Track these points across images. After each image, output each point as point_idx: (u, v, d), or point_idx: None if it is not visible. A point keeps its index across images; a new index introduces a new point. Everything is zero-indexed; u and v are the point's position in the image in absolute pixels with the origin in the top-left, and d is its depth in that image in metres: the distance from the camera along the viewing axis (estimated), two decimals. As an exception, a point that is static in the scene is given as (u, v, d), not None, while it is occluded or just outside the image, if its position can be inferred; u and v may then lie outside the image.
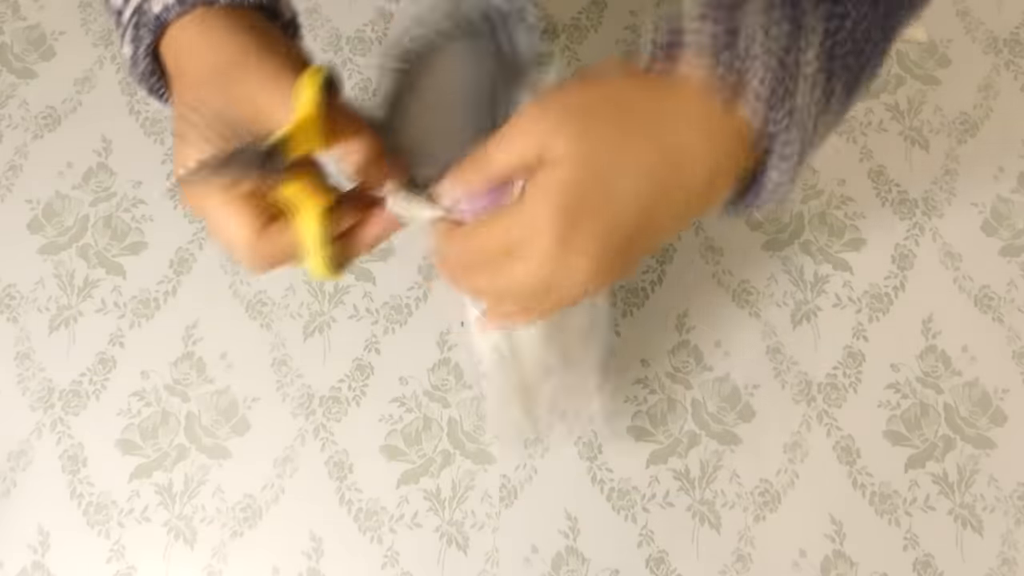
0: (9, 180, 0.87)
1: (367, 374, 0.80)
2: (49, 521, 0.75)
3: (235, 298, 0.82)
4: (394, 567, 0.74)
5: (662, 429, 0.78)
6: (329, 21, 0.92)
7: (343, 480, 0.76)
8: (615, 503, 0.76)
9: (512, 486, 0.76)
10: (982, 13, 0.93)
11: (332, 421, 0.78)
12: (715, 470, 0.77)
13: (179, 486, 0.76)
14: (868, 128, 0.89)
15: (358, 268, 0.83)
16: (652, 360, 0.80)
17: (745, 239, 0.84)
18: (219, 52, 0.38)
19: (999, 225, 0.85)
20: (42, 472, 0.77)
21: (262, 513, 0.76)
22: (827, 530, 0.75)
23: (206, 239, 0.84)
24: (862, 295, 0.82)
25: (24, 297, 0.82)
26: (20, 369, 0.80)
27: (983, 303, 0.82)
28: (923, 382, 0.79)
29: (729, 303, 0.82)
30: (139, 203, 0.86)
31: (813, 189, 0.86)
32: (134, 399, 0.79)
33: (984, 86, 0.90)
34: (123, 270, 0.83)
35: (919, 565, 0.74)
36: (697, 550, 0.75)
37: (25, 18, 0.93)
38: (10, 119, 0.89)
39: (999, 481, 0.76)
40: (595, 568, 0.74)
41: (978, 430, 0.78)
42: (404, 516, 0.75)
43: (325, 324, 0.81)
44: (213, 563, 0.74)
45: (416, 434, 0.78)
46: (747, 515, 0.75)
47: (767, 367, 0.80)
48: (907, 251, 0.84)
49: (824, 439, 0.78)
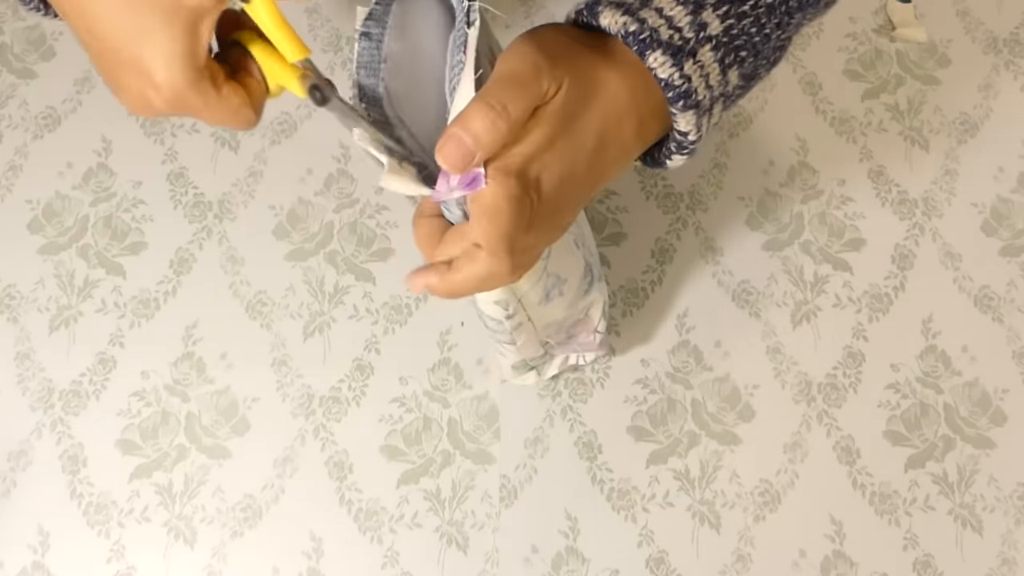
0: (9, 180, 0.87)
1: (367, 374, 0.80)
2: (49, 521, 0.76)
3: (235, 298, 0.82)
4: (394, 567, 0.74)
5: (662, 429, 0.78)
6: (329, 21, 0.92)
7: (343, 480, 0.76)
8: (615, 503, 0.76)
9: (512, 486, 0.76)
10: (982, 13, 0.93)
11: (332, 421, 0.78)
12: (715, 470, 0.77)
13: (179, 486, 0.76)
14: (868, 128, 0.89)
15: (358, 268, 0.83)
16: (652, 360, 0.80)
17: (745, 239, 0.84)
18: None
19: (999, 225, 0.85)
20: (42, 472, 0.77)
21: (262, 513, 0.76)
22: (827, 530, 0.75)
23: (206, 239, 0.84)
24: (862, 295, 0.82)
25: (24, 297, 0.82)
26: (20, 369, 0.80)
27: (983, 303, 0.82)
28: (923, 382, 0.79)
29: (729, 303, 0.82)
30: (139, 203, 0.86)
31: (813, 189, 0.86)
32: (134, 399, 0.79)
33: (984, 86, 0.90)
34: (123, 270, 0.83)
35: (919, 565, 0.74)
36: (697, 550, 0.75)
37: (25, 18, 0.93)
38: (10, 119, 0.89)
39: (999, 481, 0.76)
40: (595, 568, 0.74)
41: (978, 430, 0.78)
42: (404, 516, 0.75)
43: (325, 324, 0.81)
44: (213, 563, 0.74)
45: (416, 434, 0.78)
46: (747, 515, 0.75)
47: (767, 367, 0.80)
48: (907, 251, 0.84)
49: (824, 439, 0.78)
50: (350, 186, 0.86)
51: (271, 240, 0.84)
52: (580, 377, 0.79)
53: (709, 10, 0.41)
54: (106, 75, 0.43)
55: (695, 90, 0.41)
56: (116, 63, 0.41)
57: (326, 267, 0.83)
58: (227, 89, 0.42)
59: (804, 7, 0.45)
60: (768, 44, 0.44)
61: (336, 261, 0.83)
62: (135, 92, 0.42)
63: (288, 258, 0.84)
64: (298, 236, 0.84)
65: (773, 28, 0.43)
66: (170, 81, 0.40)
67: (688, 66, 0.40)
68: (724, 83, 0.42)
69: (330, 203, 0.85)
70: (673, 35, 0.40)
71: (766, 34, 0.43)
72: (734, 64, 0.42)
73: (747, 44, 0.42)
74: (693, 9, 0.41)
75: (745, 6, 0.42)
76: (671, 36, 0.40)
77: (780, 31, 0.44)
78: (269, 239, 0.84)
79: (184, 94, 0.41)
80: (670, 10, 0.41)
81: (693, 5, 0.41)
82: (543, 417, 0.78)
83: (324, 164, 0.87)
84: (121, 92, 0.43)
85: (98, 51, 0.41)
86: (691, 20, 0.41)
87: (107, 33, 0.40)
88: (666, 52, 0.40)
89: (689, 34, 0.41)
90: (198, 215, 0.85)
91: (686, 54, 0.40)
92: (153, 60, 0.39)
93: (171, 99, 0.41)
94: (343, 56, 0.91)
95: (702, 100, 0.41)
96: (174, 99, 0.41)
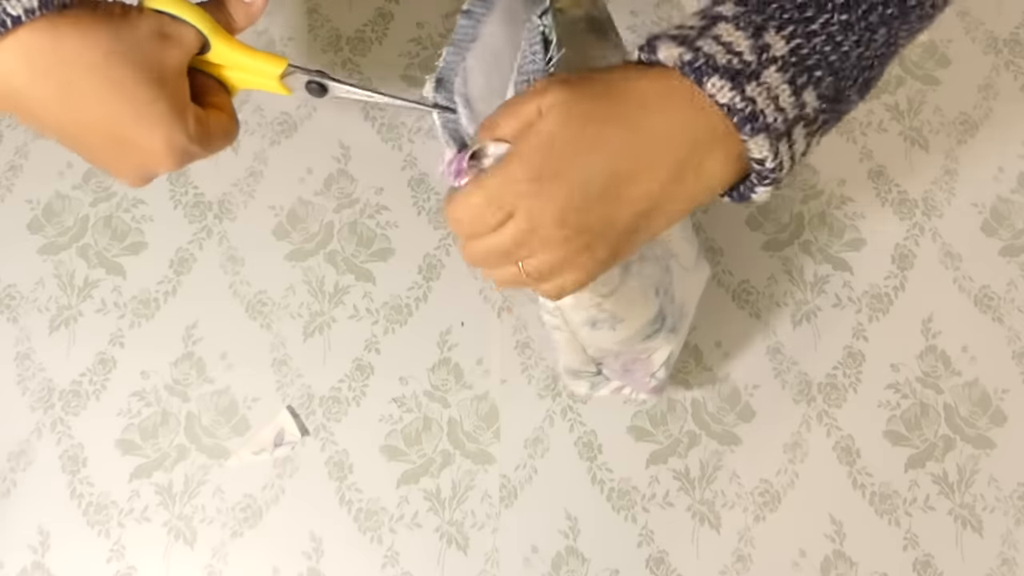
0: (9, 180, 0.87)
1: (367, 374, 0.80)
2: (49, 521, 0.76)
3: (235, 298, 0.82)
4: (394, 567, 0.74)
5: (662, 429, 0.78)
6: (329, 21, 0.92)
7: (343, 480, 0.76)
8: (615, 503, 0.76)
9: (512, 486, 0.76)
10: (982, 13, 0.93)
11: (332, 421, 0.78)
12: (715, 470, 0.77)
13: (179, 486, 0.76)
14: (868, 128, 0.89)
15: (358, 268, 0.83)
16: (652, 360, 0.80)
17: (745, 239, 0.84)
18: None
19: (999, 225, 0.85)
20: (42, 472, 0.77)
21: (262, 513, 0.76)
22: (827, 530, 0.75)
23: (206, 239, 0.84)
24: (862, 295, 0.82)
25: (24, 297, 0.82)
26: (20, 369, 0.80)
27: (983, 303, 0.82)
28: (923, 382, 0.79)
29: (729, 303, 0.82)
30: (139, 203, 0.86)
31: (813, 189, 0.86)
32: (134, 399, 0.79)
33: (984, 86, 0.90)
34: (123, 270, 0.83)
35: (919, 565, 0.74)
36: (697, 550, 0.75)
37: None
38: (10, 119, 0.89)
39: (999, 481, 0.76)
40: (595, 568, 0.74)
41: (978, 430, 0.78)
42: (404, 516, 0.75)
43: (325, 324, 0.81)
44: (213, 563, 0.74)
45: (416, 434, 0.78)
46: (747, 515, 0.75)
47: (767, 367, 0.80)
48: (907, 251, 0.84)
49: (824, 439, 0.78)
50: (350, 186, 0.86)
51: (271, 240, 0.84)
52: (580, 377, 0.79)
53: (772, 32, 0.40)
54: (102, 162, 0.44)
55: (762, 112, 0.40)
56: (115, 149, 0.43)
57: (326, 267, 0.83)
58: (212, 120, 0.45)
59: (889, 22, 0.42)
60: (848, 62, 0.42)
61: (336, 261, 0.83)
62: (135, 167, 0.44)
63: (288, 258, 0.84)
64: (298, 236, 0.84)
65: (852, 46, 0.42)
66: (174, 145, 0.42)
67: (751, 88, 0.40)
68: (799, 105, 0.41)
69: (330, 203, 0.85)
70: (732, 59, 0.40)
71: (844, 52, 0.42)
72: (808, 84, 0.41)
73: (821, 63, 0.41)
74: (754, 33, 0.40)
75: (814, 25, 0.41)
76: (729, 60, 0.40)
77: (863, 48, 0.42)
78: (269, 239, 0.84)
79: (188, 149, 0.43)
80: (728, 36, 0.40)
81: (754, 28, 0.40)
82: (543, 417, 0.78)
83: (324, 164, 0.87)
84: (121, 173, 0.44)
85: (90, 144, 0.43)
86: (752, 43, 0.40)
87: (98, 123, 0.41)
88: (723, 76, 0.39)
89: (750, 57, 0.40)
90: (198, 215, 0.85)
91: (747, 76, 0.40)
92: (154, 133, 0.42)
93: (177, 160, 0.43)
94: (343, 56, 0.91)
95: (772, 123, 0.40)
96: (179, 159, 0.43)
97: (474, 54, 0.47)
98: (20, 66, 0.39)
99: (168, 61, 0.42)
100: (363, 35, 0.92)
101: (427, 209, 0.85)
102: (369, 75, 0.91)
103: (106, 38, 0.40)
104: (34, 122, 0.42)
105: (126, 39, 0.40)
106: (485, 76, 0.47)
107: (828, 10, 0.41)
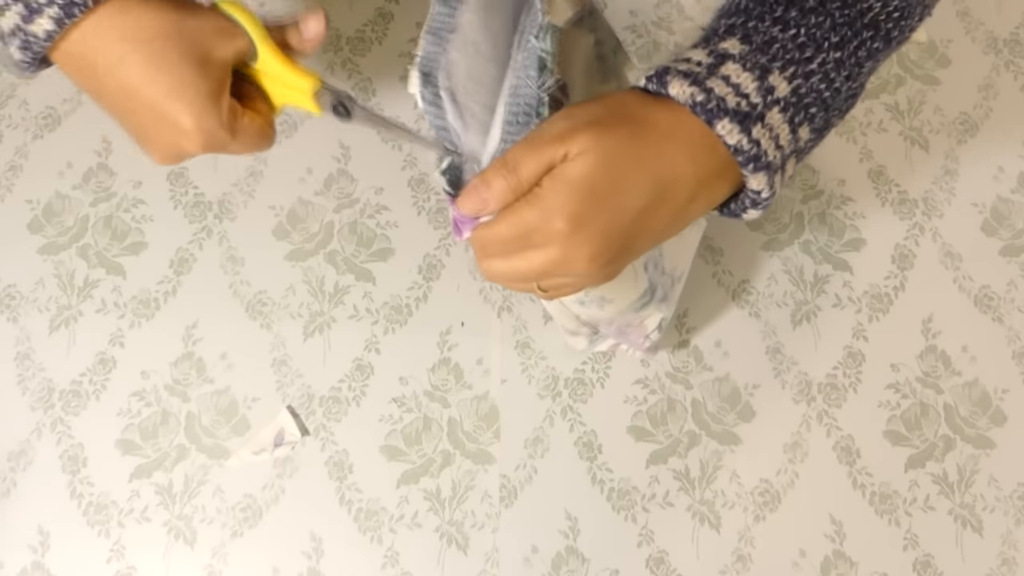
0: (9, 180, 0.87)
1: (367, 374, 0.80)
2: (49, 521, 0.76)
3: (235, 298, 0.82)
4: (394, 567, 0.74)
5: (662, 429, 0.78)
6: (329, 21, 0.92)
7: (343, 480, 0.76)
8: (615, 503, 0.76)
9: (512, 486, 0.76)
10: (982, 13, 0.93)
11: (332, 421, 0.78)
12: (715, 470, 0.77)
13: (179, 486, 0.76)
14: (868, 128, 0.89)
15: (358, 268, 0.83)
16: (652, 360, 0.80)
17: (745, 239, 0.84)
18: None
19: (999, 225, 0.85)
20: (42, 472, 0.77)
21: (262, 513, 0.76)
22: (827, 530, 0.75)
23: (206, 239, 0.84)
24: (862, 295, 0.82)
25: (24, 297, 0.82)
26: (20, 369, 0.80)
27: (983, 303, 0.82)
28: (923, 382, 0.79)
29: (729, 303, 0.82)
30: (139, 203, 0.86)
31: (813, 189, 0.86)
32: (134, 399, 0.79)
33: (984, 86, 0.90)
34: (123, 270, 0.83)
35: (919, 565, 0.74)
36: (697, 550, 0.75)
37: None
38: (10, 119, 0.89)
39: (999, 481, 0.76)
40: (595, 568, 0.74)
41: (978, 430, 0.78)
42: (404, 516, 0.75)
43: (325, 324, 0.81)
44: (213, 563, 0.74)
45: (416, 434, 0.78)
46: (747, 515, 0.75)
47: (767, 367, 0.80)
48: (907, 251, 0.84)
49: (824, 439, 0.78)
50: (350, 186, 0.86)
51: (271, 240, 0.84)
52: (580, 377, 0.79)
53: (776, 73, 0.42)
54: (139, 133, 0.47)
55: (764, 152, 0.41)
56: (151, 119, 0.45)
57: (326, 267, 0.83)
58: (247, 119, 0.47)
59: (874, 55, 0.45)
60: (839, 97, 0.44)
61: (336, 261, 0.83)
62: (166, 143, 0.46)
63: (288, 258, 0.84)
64: (298, 236, 0.84)
65: (843, 81, 0.44)
66: (204, 126, 0.45)
67: (756, 131, 0.41)
68: (795, 141, 0.43)
69: (330, 203, 0.85)
70: (740, 102, 0.41)
71: (836, 88, 0.43)
72: (804, 122, 0.43)
73: (816, 100, 0.43)
74: (760, 75, 0.42)
75: (813, 64, 0.43)
76: (738, 103, 0.41)
77: (851, 82, 0.44)
78: (269, 239, 0.84)
79: (217, 135, 0.45)
80: (736, 77, 0.42)
81: (760, 70, 0.42)
82: (543, 417, 0.78)
83: (324, 164, 0.87)
84: (152, 145, 0.47)
85: (132, 110, 0.45)
86: (758, 85, 0.41)
87: (143, 92, 0.44)
88: (733, 120, 0.41)
89: (756, 99, 0.41)
90: (198, 215, 0.85)
91: (753, 119, 0.41)
92: (187, 110, 0.44)
93: (205, 142, 0.45)
94: (343, 56, 0.91)
95: (772, 161, 0.42)
96: (207, 142, 0.45)
97: (455, 46, 0.47)
98: (92, 39, 0.43)
99: (216, 52, 0.45)
100: (363, 35, 0.92)
101: (427, 209, 0.85)
102: (369, 75, 0.91)
103: (169, 20, 0.44)
104: (92, 84, 0.45)
105: (185, 26, 0.44)
106: (467, 69, 0.47)
107: (824, 49, 0.43)
